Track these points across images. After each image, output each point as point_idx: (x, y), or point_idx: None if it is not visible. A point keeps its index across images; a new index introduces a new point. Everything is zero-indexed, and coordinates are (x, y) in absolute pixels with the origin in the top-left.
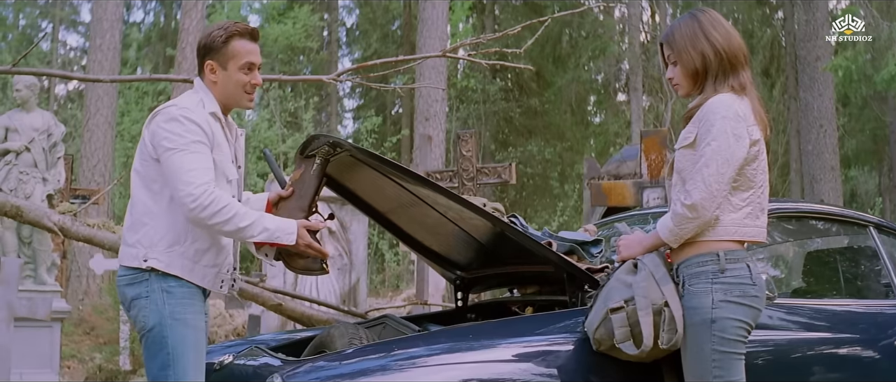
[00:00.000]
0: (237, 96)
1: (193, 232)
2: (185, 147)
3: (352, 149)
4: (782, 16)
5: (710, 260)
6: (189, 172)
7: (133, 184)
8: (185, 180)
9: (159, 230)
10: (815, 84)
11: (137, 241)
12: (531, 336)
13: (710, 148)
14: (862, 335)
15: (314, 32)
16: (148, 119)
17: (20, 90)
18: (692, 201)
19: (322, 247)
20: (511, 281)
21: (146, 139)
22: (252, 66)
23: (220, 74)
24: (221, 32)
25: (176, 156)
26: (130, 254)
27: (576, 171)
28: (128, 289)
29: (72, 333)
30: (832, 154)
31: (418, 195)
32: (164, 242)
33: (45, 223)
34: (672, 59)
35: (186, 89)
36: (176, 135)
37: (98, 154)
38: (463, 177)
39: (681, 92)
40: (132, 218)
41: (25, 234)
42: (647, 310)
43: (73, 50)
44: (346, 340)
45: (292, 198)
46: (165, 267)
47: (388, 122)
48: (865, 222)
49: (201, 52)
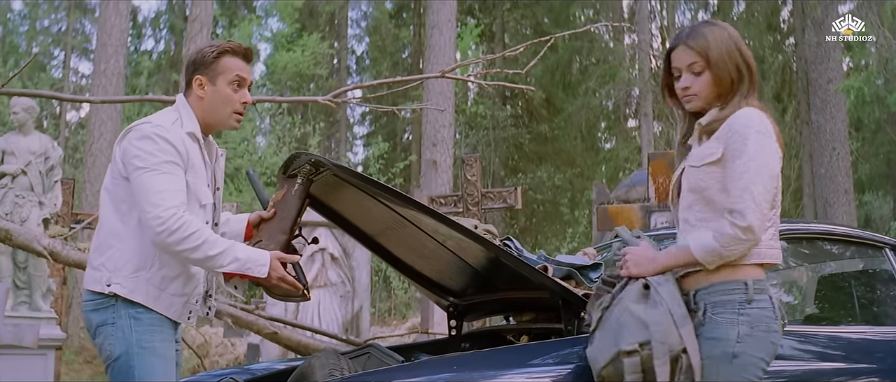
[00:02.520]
0: (223, 114)
1: (161, 257)
2: (155, 166)
3: (333, 168)
4: (794, 41)
5: (738, 288)
6: (158, 194)
7: (102, 203)
8: (153, 202)
9: (126, 253)
10: (827, 106)
11: (102, 264)
12: (522, 367)
13: (755, 164)
14: (880, 365)
15: (323, 60)
16: (120, 135)
17: (17, 113)
18: (748, 223)
19: (295, 280)
20: (506, 308)
21: (117, 156)
22: (242, 82)
23: (207, 89)
24: (213, 48)
25: (145, 176)
26: (94, 278)
27: (586, 197)
28: (93, 315)
29: (72, 361)
30: (845, 177)
31: (405, 216)
32: (130, 266)
33: (35, 247)
34: (697, 69)
35: None
36: (147, 153)
37: (101, 179)
38: (468, 202)
39: (695, 104)
40: (98, 239)
41: (21, 259)
42: (664, 358)
43: (85, 77)
44: (326, 371)
45: (274, 220)
46: (128, 293)
47: (398, 149)
48: (881, 243)
49: (190, 68)
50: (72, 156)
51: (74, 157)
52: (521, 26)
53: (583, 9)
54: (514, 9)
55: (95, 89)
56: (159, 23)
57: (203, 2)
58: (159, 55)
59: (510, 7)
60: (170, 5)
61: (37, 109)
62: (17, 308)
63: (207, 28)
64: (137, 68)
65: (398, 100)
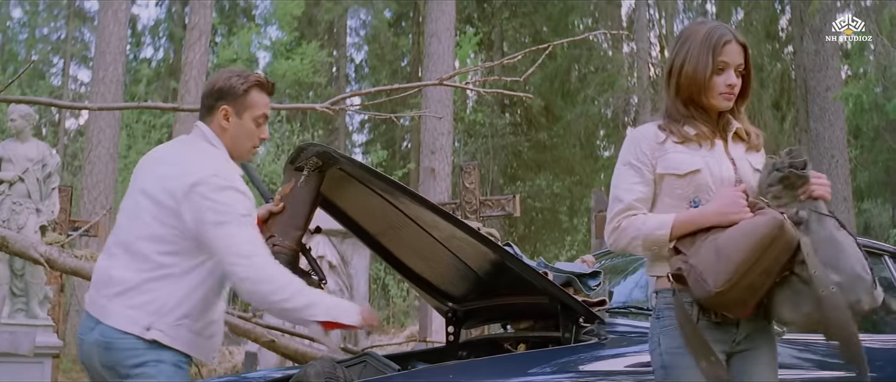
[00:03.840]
0: (245, 148)
1: (209, 302)
2: (237, 219)
3: (341, 160)
4: (792, 49)
5: None
6: (246, 244)
7: (138, 238)
8: (244, 253)
9: (172, 298)
10: (825, 114)
11: (141, 305)
12: (519, 375)
13: None
14: (879, 373)
15: (322, 68)
16: (168, 179)
17: (15, 120)
18: None
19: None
20: (505, 315)
21: (167, 200)
22: (265, 119)
23: (232, 121)
24: (242, 80)
25: (230, 229)
26: (130, 318)
27: (585, 205)
28: (127, 355)
29: (70, 369)
30: (844, 184)
31: (409, 215)
32: (176, 313)
33: (32, 254)
34: (742, 70)
35: (182, 118)
36: (226, 205)
37: (100, 186)
38: (466, 210)
39: (729, 105)
40: (133, 276)
41: (18, 267)
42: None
43: (83, 85)
44: (322, 379)
45: (284, 214)
46: (170, 341)
47: (396, 157)
48: (880, 251)
49: (215, 95)
50: (70, 164)
51: (73, 165)
52: (520, 35)
53: (582, 17)
54: (513, 17)
55: (94, 97)
56: (158, 31)
57: (202, 10)
58: (158, 63)
59: (509, 15)
60: (169, 13)
61: (35, 117)
62: (13, 315)
63: (206, 36)
64: (136, 76)
65: (397, 108)
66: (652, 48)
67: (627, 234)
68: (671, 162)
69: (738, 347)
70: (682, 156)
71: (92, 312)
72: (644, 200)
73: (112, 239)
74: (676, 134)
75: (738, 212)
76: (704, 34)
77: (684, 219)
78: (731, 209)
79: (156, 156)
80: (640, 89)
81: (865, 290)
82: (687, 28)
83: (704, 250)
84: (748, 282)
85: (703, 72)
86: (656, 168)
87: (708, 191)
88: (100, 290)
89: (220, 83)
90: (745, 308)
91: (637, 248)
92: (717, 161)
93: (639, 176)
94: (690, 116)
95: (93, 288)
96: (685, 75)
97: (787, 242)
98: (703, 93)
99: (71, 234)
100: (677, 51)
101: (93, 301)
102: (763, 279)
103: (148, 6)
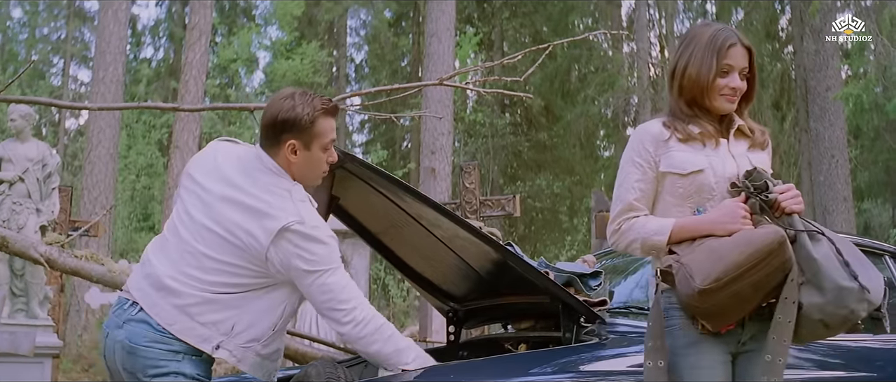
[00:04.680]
0: (313, 177)
1: (279, 333)
2: (330, 267)
3: (342, 155)
4: (792, 49)
5: None
6: (344, 290)
7: (210, 261)
8: (345, 299)
9: (245, 321)
10: (825, 114)
11: (213, 324)
12: (520, 376)
13: None
14: (879, 373)
15: (322, 68)
16: (243, 213)
17: (15, 120)
18: None
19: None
20: (506, 315)
21: (245, 237)
22: (332, 143)
23: (301, 155)
24: (308, 111)
25: (329, 278)
26: (201, 335)
27: (585, 205)
28: (149, 363)
29: (70, 370)
30: (844, 184)
31: (412, 213)
32: (245, 336)
33: (32, 254)
34: (747, 73)
35: (182, 118)
36: (319, 256)
37: (100, 186)
38: (466, 210)
39: (731, 107)
40: (204, 291)
41: (18, 267)
42: None
43: (84, 85)
44: (322, 379)
45: None
46: (237, 361)
47: (396, 157)
48: (880, 250)
49: (280, 127)
50: (70, 164)
51: (73, 165)
52: (520, 35)
53: (582, 17)
54: (513, 17)
55: (94, 97)
56: (158, 31)
57: (202, 10)
58: (158, 63)
59: (509, 15)
60: (169, 13)
61: (34, 117)
62: (13, 315)
63: (206, 36)
64: (136, 76)
65: (397, 108)
66: (652, 48)
67: (627, 237)
68: (674, 160)
69: (744, 348)
70: (685, 154)
71: (151, 312)
72: (645, 199)
73: (174, 241)
74: (680, 132)
75: (736, 223)
76: (709, 37)
77: (682, 226)
78: (729, 219)
79: (225, 172)
80: (640, 89)
81: (855, 299)
82: (691, 29)
83: (698, 250)
84: (736, 289)
85: (707, 74)
86: (659, 165)
87: (710, 191)
88: (162, 294)
89: (284, 114)
90: (725, 319)
91: (636, 251)
92: (720, 159)
93: (641, 173)
94: (694, 116)
95: (150, 287)
96: (688, 77)
97: (783, 262)
98: (705, 95)
99: (71, 234)
100: (681, 52)
101: (153, 302)
102: (751, 292)
103: (148, 6)
